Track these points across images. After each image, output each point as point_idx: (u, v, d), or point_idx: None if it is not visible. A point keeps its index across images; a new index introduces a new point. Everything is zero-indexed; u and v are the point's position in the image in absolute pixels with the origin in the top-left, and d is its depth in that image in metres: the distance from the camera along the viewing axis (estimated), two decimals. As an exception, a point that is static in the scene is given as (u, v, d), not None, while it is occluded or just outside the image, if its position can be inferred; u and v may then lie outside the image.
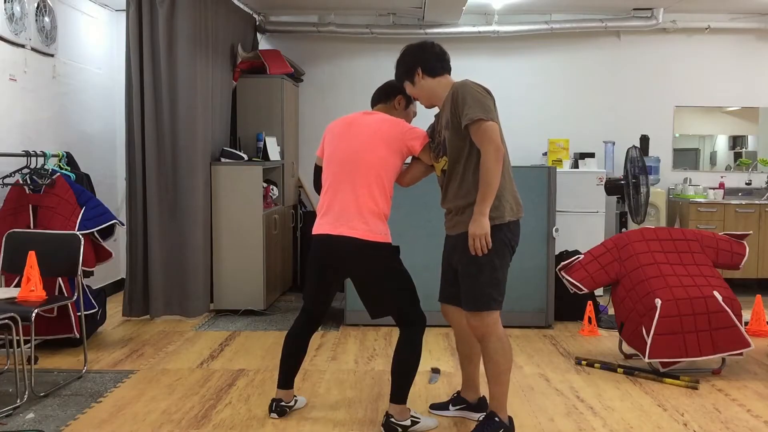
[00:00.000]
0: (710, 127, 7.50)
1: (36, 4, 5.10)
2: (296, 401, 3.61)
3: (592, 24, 7.08)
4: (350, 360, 4.54)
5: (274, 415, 3.48)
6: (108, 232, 4.79)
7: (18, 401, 3.62)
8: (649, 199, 6.10)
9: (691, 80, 7.29)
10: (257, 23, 7.10)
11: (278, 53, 6.67)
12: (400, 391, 3.28)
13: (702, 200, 6.86)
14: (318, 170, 3.50)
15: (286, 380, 3.54)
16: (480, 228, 3.03)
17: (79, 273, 4.12)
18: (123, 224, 5.25)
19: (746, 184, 7.29)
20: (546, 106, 7.32)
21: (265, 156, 6.15)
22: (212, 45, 5.77)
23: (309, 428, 3.39)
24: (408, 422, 3.28)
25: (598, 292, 5.79)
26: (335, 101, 7.38)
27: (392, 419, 3.25)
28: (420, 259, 5.00)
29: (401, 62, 3.34)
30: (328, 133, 3.45)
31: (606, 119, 7.29)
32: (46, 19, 5.24)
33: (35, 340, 3.97)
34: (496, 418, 3.14)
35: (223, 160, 5.82)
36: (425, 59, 3.28)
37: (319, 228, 3.35)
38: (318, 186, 3.48)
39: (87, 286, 4.74)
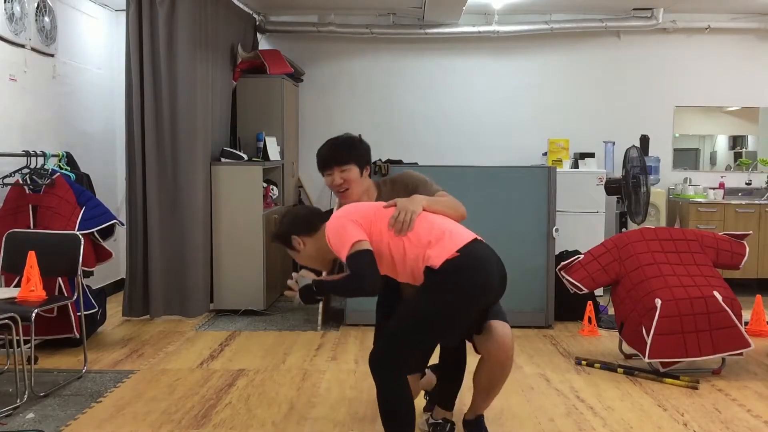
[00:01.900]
0: (710, 127, 7.50)
1: (36, 4, 5.10)
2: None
3: (592, 24, 7.09)
4: (350, 360, 4.54)
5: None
6: (108, 232, 4.79)
7: (18, 401, 3.62)
8: (649, 200, 6.08)
9: (691, 80, 7.29)
10: (257, 23, 7.10)
11: (278, 53, 6.67)
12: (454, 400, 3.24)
13: (702, 200, 6.86)
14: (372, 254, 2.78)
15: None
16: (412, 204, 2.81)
17: (79, 273, 4.12)
18: (123, 224, 5.25)
19: (746, 184, 7.29)
20: (546, 106, 7.33)
21: (265, 156, 6.15)
22: (212, 45, 5.77)
23: (309, 428, 3.39)
24: None
25: (598, 292, 5.79)
26: (335, 101, 7.39)
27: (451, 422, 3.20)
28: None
29: None
30: (360, 209, 2.92)
31: (606, 119, 7.29)
32: (46, 19, 5.24)
33: (35, 340, 3.97)
34: None
35: (223, 160, 5.82)
36: None
37: (466, 237, 2.80)
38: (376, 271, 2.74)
39: (87, 286, 4.74)
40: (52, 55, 5.39)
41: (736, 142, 7.48)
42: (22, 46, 4.98)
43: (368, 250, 2.74)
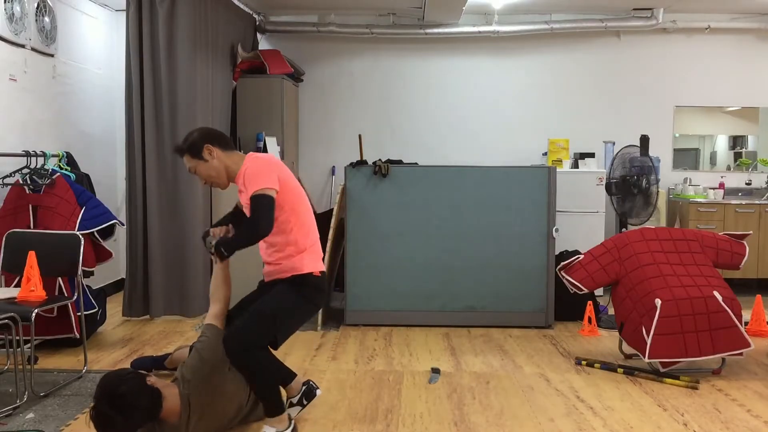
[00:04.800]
0: (710, 127, 7.51)
1: (36, 4, 5.10)
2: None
3: (592, 24, 7.09)
4: (350, 360, 4.54)
5: None
6: (108, 232, 4.80)
7: (18, 401, 3.62)
8: (653, 201, 5.99)
9: (691, 80, 7.29)
10: (257, 23, 7.10)
11: (278, 53, 6.67)
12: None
13: (702, 200, 6.86)
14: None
15: None
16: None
17: (79, 273, 4.12)
18: (123, 224, 5.25)
19: (746, 184, 7.30)
20: (546, 106, 7.33)
21: (265, 156, 6.15)
22: (212, 45, 5.77)
23: (309, 428, 3.38)
24: None
25: (598, 292, 5.79)
26: (335, 101, 7.39)
27: None
28: (420, 258, 5.01)
29: None
30: (283, 170, 3.28)
31: (606, 119, 7.30)
32: (46, 19, 5.24)
33: (35, 340, 3.97)
34: None
35: (223, 160, 5.81)
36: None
37: (321, 264, 3.35)
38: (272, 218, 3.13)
39: (87, 286, 4.74)
40: (52, 55, 5.39)
41: (736, 142, 7.49)
42: (22, 46, 4.98)
43: (273, 198, 3.06)
